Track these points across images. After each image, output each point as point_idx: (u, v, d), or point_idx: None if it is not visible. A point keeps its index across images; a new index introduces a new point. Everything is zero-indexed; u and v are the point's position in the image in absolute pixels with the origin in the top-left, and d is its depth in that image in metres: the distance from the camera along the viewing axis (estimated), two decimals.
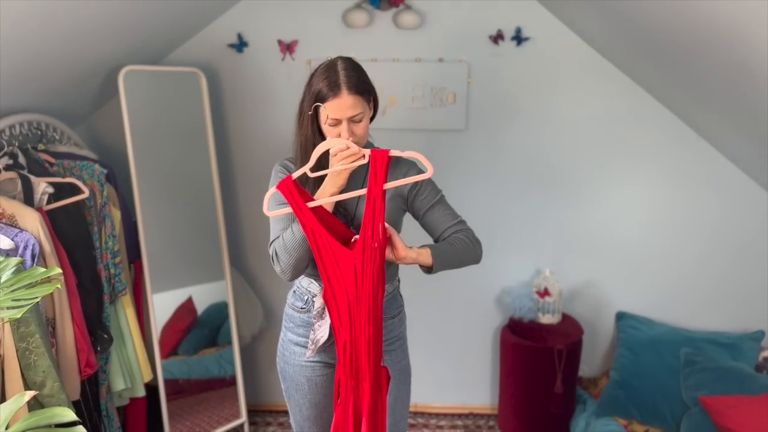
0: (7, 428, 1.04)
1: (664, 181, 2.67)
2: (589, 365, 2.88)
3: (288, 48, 2.59)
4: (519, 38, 2.55)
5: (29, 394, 1.09)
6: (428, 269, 1.54)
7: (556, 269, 2.73)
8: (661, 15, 1.85)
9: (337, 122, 1.44)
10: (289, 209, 1.42)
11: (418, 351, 2.69)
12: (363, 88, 1.45)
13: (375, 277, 1.40)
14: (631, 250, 2.75)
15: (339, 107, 1.42)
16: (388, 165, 1.39)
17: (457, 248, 1.57)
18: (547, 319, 2.67)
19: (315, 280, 1.61)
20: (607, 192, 2.71)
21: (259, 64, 2.62)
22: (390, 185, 1.41)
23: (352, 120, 1.44)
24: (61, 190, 2.01)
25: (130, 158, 2.34)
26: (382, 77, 2.58)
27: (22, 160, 1.97)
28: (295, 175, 1.43)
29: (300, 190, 1.41)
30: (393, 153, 1.39)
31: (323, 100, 1.43)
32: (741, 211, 2.65)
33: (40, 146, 2.17)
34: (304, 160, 1.49)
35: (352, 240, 1.46)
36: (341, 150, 1.40)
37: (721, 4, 1.53)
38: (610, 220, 2.73)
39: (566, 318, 2.74)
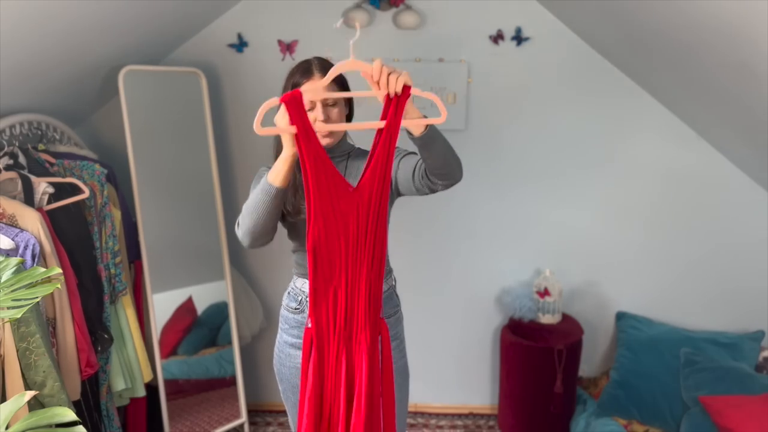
0: (7, 428, 1.04)
1: (664, 181, 2.67)
2: (589, 365, 2.88)
3: (288, 48, 2.59)
4: (519, 38, 2.55)
5: (29, 394, 1.09)
6: (418, 136, 1.43)
7: (556, 269, 2.73)
8: (661, 15, 1.85)
9: (311, 105, 1.47)
10: (291, 130, 1.27)
11: (418, 351, 2.69)
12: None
13: (380, 218, 1.34)
14: (631, 250, 2.75)
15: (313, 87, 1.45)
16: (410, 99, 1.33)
17: (446, 142, 1.51)
18: (547, 319, 2.67)
19: (307, 279, 1.61)
20: (607, 192, 2.71)
21: (259, 64, 2.62)
22: (409, 123, 1.34)
23: (326, 103, 1.48)
24: (62, 190, 2.01)
25: (130, 158, 2.34)
26: None
27: (22, 160, 1.97)
28: (305, 87, 1.35)
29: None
30: (413, 91, 1.34)
31: (298, 86, 1.47)
32: (741, 211, 2.65)
33: (40, 146, 2.17)
34: (279, 152, 1.49)
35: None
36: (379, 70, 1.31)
37: (722, 4, 1.53)
38: (610, 220, 2.73)
39: (566, 318, 2.74)
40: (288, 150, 1.33)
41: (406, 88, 1.33)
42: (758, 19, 1.44)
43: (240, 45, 2.59)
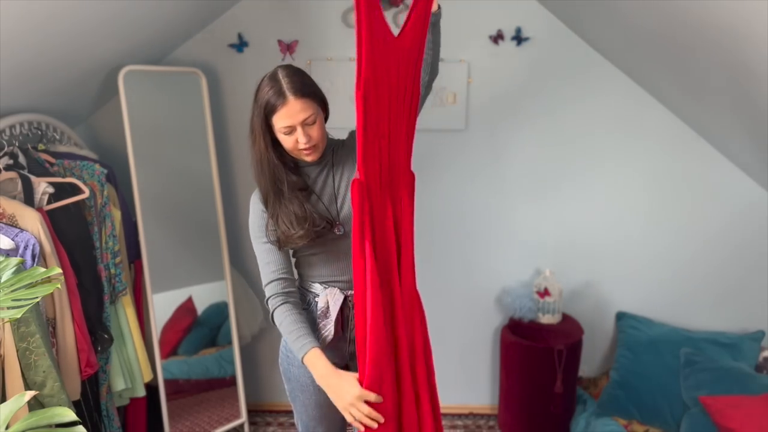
0: (7, 428, 1.04)
1: (664, 181, 2.67)
2: (589, 365, 2.88)
3: (288, 48, 2.59)
4: (519, 38, 2.55)
5: (29, 394, 1.09)
6: (433, 12, 1.52)
7: (556, 269, 2.73)
8: (661, 15, 1.85)
9: (291, 129, 1.45)
10: None
11: None
12: (308, 90, 1.45)
13: (417, 71, 1.38)
14: (631, 250, 2.75)
15: (288, 114, 1.43)
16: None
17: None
18: (547, 319, 2.67)
19: (315, 281, 1.61)
20: (607, 192, 2.71)
21: (259, 64, 2.62)
22: None
23: (305, 124, 1.45)
24: (61, 190, 2.01)
25: (130, 158, 2.34)
26: None
27: (22, 160, 1.97)
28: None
29: None
30: None
31: (273, 111, 1.44)
32: (741, 211, 2.65)
33: (40, 146, 2.17)
34: (261, 176, 1.53)
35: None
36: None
37: (722, 4, 1.53)
38: (610, 220, 2.73)
39: (566, 318, 2.74)
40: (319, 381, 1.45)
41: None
42: (758, 20, 1.44)
43: (240, 45, 2.59)
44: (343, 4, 2.54)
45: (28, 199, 1.87)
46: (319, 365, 1.45)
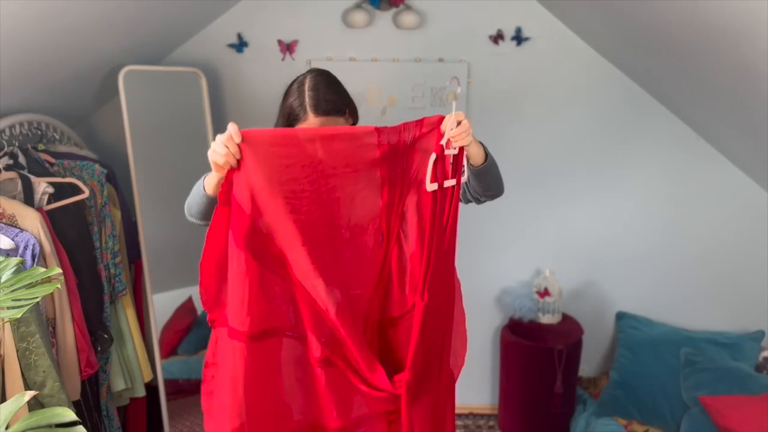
0: (7, 428, 1.04)
1: (664, 181, 2.67)
2: (589, 365, 2.88)
3: (288, 48, 2.59)
4: (519, 38, 2.55)
5: (29, 393, 1.09)
6: (476, 165, 1.54)
7: (556, 269, 2.73)
8: (662, 15, 1.86)
9: None
10: None
11: None
12: (330, 107, 1.43)
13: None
14: (631, 250, 2.75)
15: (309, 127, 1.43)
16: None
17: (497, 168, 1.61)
18: (547, 319, 2.67)
19: None
20: (608, 192, 2.71)
21: (259, 64, 2.62)
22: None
23: None
24: (61, 190, 2.01)
25: (130, 158, 2.34)
26: (382, 77, 2.58)
27: (22, 160, 1.97)
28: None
29: None
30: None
31: (295, 120, 1.45)
32: (741, 211, 2.65)
33: (40, 146, 2.17)
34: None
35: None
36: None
37: (722, 5, 1.53)
38: (610, 220, 2.73)
39: (566, 318, 2.74)
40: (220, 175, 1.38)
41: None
42: (758, 20, 1.44)
43: (240, 45, 2.59)
44: (343, 4, 2.54)
45: (28, 199, 1.87)
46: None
